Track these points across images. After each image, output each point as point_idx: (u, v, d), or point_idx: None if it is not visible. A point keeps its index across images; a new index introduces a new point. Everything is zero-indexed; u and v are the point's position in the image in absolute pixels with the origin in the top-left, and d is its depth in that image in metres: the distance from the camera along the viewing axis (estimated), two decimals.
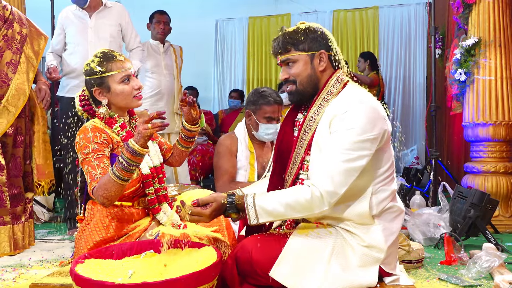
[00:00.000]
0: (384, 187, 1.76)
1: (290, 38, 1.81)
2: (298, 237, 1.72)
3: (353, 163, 1.64)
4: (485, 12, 3.70)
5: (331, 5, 7.34)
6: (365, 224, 1.74)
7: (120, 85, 2.08)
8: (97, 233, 2.02)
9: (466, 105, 3.82)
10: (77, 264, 1.66)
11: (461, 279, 2.29)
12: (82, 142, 1.99)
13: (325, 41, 1.81)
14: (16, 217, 2.93)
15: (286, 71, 1.84)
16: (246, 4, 7.45)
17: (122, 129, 2.10)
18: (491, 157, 3.72)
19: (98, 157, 1.97)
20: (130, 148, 1.79)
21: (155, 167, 2.15)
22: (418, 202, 3.81)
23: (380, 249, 1.71)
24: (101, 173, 1.93)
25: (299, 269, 1.65)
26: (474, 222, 2.95)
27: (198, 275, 1.54)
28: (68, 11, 3.69)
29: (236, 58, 7.84)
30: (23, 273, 2.46)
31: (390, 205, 1.77)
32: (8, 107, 2.87)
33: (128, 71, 2.10)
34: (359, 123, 1.65)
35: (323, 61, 1.80)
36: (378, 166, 1.74)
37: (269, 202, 1.66)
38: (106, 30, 3.65)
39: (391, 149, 1.81)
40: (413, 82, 7.12)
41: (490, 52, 3.67)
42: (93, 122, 2.08)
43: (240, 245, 1.77)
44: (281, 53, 1.84)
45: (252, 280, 1.71)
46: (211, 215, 1.70)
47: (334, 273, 1.66)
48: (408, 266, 2.47)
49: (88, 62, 2.10)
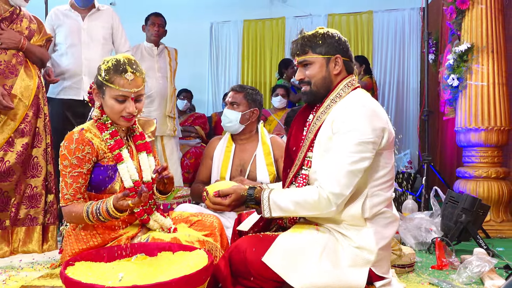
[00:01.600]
0: (380, 191, 1.78)
1: (309, 41, 1.89)
2: (292, 233, 1.80)
3: (357, 165, 1.70)
4: (478, 18, 3.73)
5: (326, 9, 7.35)
6: (357, 225, 1.77)
7: (112, 101, 1.98)
8: (83, 240, 2.00)
9: (459, 110, 3.84)
10: (67, 266, 1.66)
11: (452, 283, 2.30)
12: (64, 151, 1.96)
13: (342, 47, 1.89)
14: (31, 218, 2.92)
15: (302, 72, 1.92)
16: (241, 7, 7.45)
17: (111, 137, 2.01)
18: (483, 162, 3.75)
19: (73, 175, 1.94)
20: (106, 208, 1.83)
21: (145, 182, 2.08)
22: (410, 206, 3.82)
23: (371, 251, 1.73)
24: (72, 193, 1.93)
25: (290, 260, 1.69)
26: (465, 227, 2.96)
27: (189, 278, 1.54)
28: (58, 11, 3.64)
29: (231, 61, 7.83)
30: (13, 275, 2.44)
31: (384, 211, 1.79)
32: (22, 99, 2.90)
33: (127, 93, 1.96)
34: (360, 125, 1.71)
35: (338, 65, 1.88)
36: (375, 170, 1.78)
37: (282, 199, 1.76)
38: (99, 32, 3.65)
39: (392, 156, 1.84)
40: (407, 86, 7.14)
41: (483, 57, 3.70)
42: (83, 128, 2.02)
43: (234, 245, 1.79)
44: (299, 55, 1.92)
45: (245, 281, 1.73)
46: (231, 205, 1.83)
47: (324, 269, 1.69)
48: (399, 271, 2.47)
49: (105, 59, 2.01)
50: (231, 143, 3.00)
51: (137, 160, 2.09)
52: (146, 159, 2.11)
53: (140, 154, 2.10)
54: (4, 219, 2.84)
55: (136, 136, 2.14)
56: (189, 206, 2.88)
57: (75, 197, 1.94)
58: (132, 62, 1.98)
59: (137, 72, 1.98)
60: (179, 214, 2.31)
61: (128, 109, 1.97)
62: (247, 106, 2.93)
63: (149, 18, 4.44)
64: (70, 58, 3.55)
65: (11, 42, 2.88)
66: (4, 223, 2.84)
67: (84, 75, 3.57)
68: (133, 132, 2.15)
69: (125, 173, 2.00)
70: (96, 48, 3.64)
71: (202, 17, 7.56)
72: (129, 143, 2.12)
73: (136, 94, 1.98)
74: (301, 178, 1.87)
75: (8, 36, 2.87)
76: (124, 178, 2.00)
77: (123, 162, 2.00)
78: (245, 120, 2.93)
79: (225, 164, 2.94)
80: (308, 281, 1.66)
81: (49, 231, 2.99)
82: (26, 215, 2.92)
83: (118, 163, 2.00)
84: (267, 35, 7.60)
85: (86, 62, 3.58)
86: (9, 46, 2.88)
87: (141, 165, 2.09)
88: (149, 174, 2.09)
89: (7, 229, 2.85)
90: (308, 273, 1.67)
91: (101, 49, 3.67)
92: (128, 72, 1.94)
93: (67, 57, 3.56)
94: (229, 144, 2.99)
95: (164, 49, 4.48)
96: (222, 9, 7.50)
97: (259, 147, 2.95)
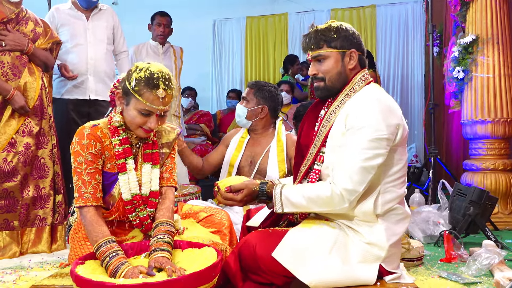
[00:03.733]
0: (392, 188, 1.77)
1: (323, 35, 1.83)
2: (302, 228, 1.78)
3: (370, 161, 1.67)
4: (482, 10, 3.71)
5: (328, 4, 7.33)
6: (368, 221, 1.75)
7: (135, 113, 1.83)
8: (86, 245, 1.97)
9: (465, 102, 3.83)
10: (77, 265, 1.66)
11: (461, 276, 2.29)
12: (77, 147, 1.85)
13: (356, 40, 1.86)
14: (40, 219, 2.94)
15: (316, 67, 1.86)
16: (244, 4, 7.44)
17: (120, 144, 1.91)
18: (490, 154, 3.73)
19: (90, 172, 1.84)
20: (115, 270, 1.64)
21: (142, 195, 1.95)
22: (417, 200, 3.81)
23: (381, 247, 1.72)
24: (91, 192, 1.83)
25: (300, 255, 1.68)
26: (473, 220, 2.95)
27: (198, 275, 1.54)
28: (59, 10, 3.62)
29: (234, 58, 7.82)
30: (23, 275, 2.45)
31: (396, 207, 1.78)
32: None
33: (154, 109, 1.81)
34: (374, 121, 1.68)
35: (353, 60, 1.84)
36: (389, 166, 1.76)
37: (294, 194, 1.75)
38: (103, 32, 3.66)
39: (405, 152, 1.82)
40: (411, 80, 7.11)
41: (488, 49, 3.68)
42: (95, 125, 1.92)
43: (243, 240, 1.78)
44: (313, 49, 1.85)
45: (255, 276, 1.72)
46: (243, 200, 1.84)
47: (333, 265, 1.68)
48: (408, 264, 2.47)
49: (137, 65, 1.85)
50: (246, 134, 3.06)
51: (140, 171, 1.98)
52: (149, 170, 1.97)
53: (144, 165, 1.97)
54: (12, 220, 2.85)
55: (147, 144, 2.00)
56: (198, 202, 2.89)
57: (94, 195, 1.84)
58: (166, 77, 1.81)
59: (168, 89, 1.81)
60: (189, 208, 2.28)
61: (150, 124, 1.85)
62: (256, 103, 2.93)
63: (155, 17, 4.42)
64: (75, 58, 3.54)
65: (16, 44, 2.87)
66: (12, 223, 2.85)
67: (90, 74, 3.58)
68: (146, 139, 2.00)
69: (125, 184, 1.91)
70: (100, 48, 3.64)
71: (205, 15, 7.55)
72: (138, 150, 2.00)
73: (162, 111, 1.85)
74: (314, 173, 1.84)
75: (13, 39, 2.87)
76: (123, 190, 1.91)
77: (125, 173, 1.91)
78: (252, 116, 2.93)
79: (236, 153, 2.98)
80: (318, 276, 1.65)
81: (58, 231, 3.01)
82: (35, 215, 2.93)
83: (120, 173, 1.91)
84: (270, 31, 7.59)
85: (91, 62, 3.58)
86: (14, 48, 2.87)
87: (142, 177, 1.96)
88: (149, 188, 1.97)
89: (16, 229, 2.86)
90: (318, 268, 1.66)
91: (105, 49, 3.68)
92: (160, 88, 1.78)
93: (72, 57, 3.55)
94: (244, 135, 3.05)
95: (170, 48, 4.48)
96: (225, 6, 7.50)
97: (273, 143, 2.95)
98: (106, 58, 3.68)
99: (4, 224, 2.83)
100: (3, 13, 2.87)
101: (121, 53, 3.87)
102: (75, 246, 2.01)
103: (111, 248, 1.71)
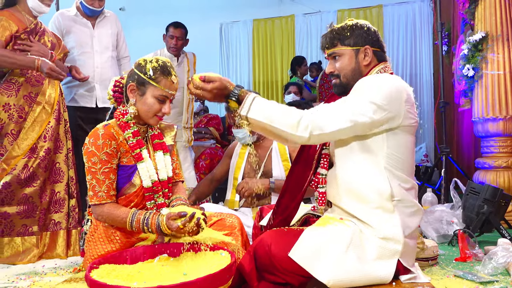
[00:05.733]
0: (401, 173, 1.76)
1: (337, 34, 1.89)
2: (317, 227, 1.78)
3: (354, 115, 1.68)
4: (491, 6, 3.68)
5: (335, 5, 7.33)
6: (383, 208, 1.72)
7: (153, 100, 1.99)
8: (101, 246, 2.00)
9: (475, 100, 3.80)
10: (92, 269, 1.67)
11: (477, 275, 2.27)
12: (91, 147, 1.94)
13: (371, 37, 1.88)
14: (55, 223, 2.95)
15: (332, 64, 1.92)
16: (250, 6, 7.46)
17: (133, 136, 2.03)
18: (502, 152, 3.70)
19: (104, 171, 1.94)
20: (158, 225, 1.85)
21: (161, 181, 2.09)
22: (430, 199, 3.78)
23: (398, 240, 1.70)
24: (105, 190, 1.94)
25: (316, 254, 1.67)
26: (487, 218, 2.92)
27: (213, 277, 1.53)
28: (64, 16, 3.56)
29: (241, 61, 7.84)
30: (37, 280, 2.46)
31: (410, 198, 1.77)
32: (46, 107, 2.94)
33: (169, 94, 2.01)
34: (375, 89, 1.71)
35: (368, 56, 1.87)
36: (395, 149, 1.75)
37: (267, 102, 1.74)
38: (108, 40, 3.64)
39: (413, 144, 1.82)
40: (420, 79, 7.09)
41: (498, 46, 3.65)
42: (107, 124, 2.02)
43: (258, 239, 1.77)
44: (328, 48, 1.91)
45: (270, 276, 1.71)
46: (212, 92, 1.77)
47: (349, 263, 1.67)
48: (422, 264, 2.45)
49: (145, 58, 2.04)
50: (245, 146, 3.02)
51: (153, 160, 2.10)
52: (162, 157, 2.11)
53: (156, 153, 2.11)
54: (31, 225, 2.87)
55: (154, 135, 2.15)
56: (210, 205, 2.90)
57: (108, 194, 1.95)
58: (173, 66, 2.07)
59: (176, 76, 2.06)
60: None
61: (165, 109, 2.02)
62: None
63: (169, 29, 4.30)
64: (81, 66, 3.47)
65: (41, 55, 2.90)
66: (31, 228, 2.86)
67: (96, 82, 3.55)
68: (152, 131, 2.16)
69: (144, 172, 2.02)
70: (106, 55, 3.62)
71: (212, 18, 7.58)
72: (147, 144, 2.13)
73: (174, 96, 2.05)
74: (323, 158, 1.90)
75: (38, 49, 2.91)
76: (144, 178, 2.01)
77: (143, 162, 2.02)
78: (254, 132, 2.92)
79: (238, 166, 2.99)
80: (335, 274, 1.64)
81: (72, 235, 3.02)
82: (50, 220, 2.95)
83: (138, 162, 2.01)
84: (277, 33, 7.60)
85: (97, 70, 3.56)
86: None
87: (157, 164, 2.10)
88: (165, 173, 2.11)
89: (35, 234, 2.87)
90: (335, 267, 1.65)
91: (110, 56, 3.66)
92: (172, 75, 2.02)
93: (79, 65, 3.47)
94: (244, 147, 3.02)
95: (184, 58, 4.37)
96: (231, 9, 7.52)
97: (275, 143, 2.95)
98: (112, 65, 3.66)
99: (23, 230, 2.85)
100: (24, 24, 2.92)
101: (123, 58, 3.85)
102: (90, 249, 2.02)
103: (140, 215, 1.89)
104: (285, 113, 1.71)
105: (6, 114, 2.86)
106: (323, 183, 1.91)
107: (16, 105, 2.88)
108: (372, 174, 1.74)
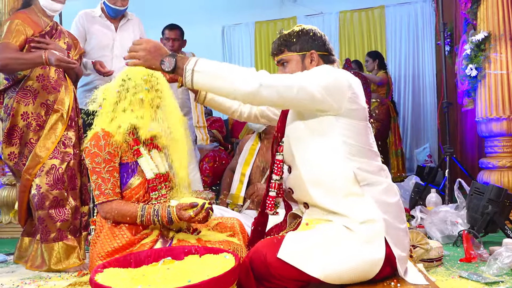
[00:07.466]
0: (363, 159, 1.76)
1: (284, 40, 1.94)
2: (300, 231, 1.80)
3: (302, 80, 1.70)
4: (493, 6, 3.68)
5: (337, 6, 7.33)
6: (354, 195, 1.72)
7: None
8: (108, 243, 2.01)
9: (479, 100, 3.79)
10: (96, 273, 1.66)
11: (482, 276, 2.26)
12: (93, 149, 2.00)
13: (317, 42, 1.93)
14: (75, 230, 2.88)
15: (282, 71, 1.96)
16: (252, 9, 7.47)
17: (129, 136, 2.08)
18: (506, 152, 3.69)
19: (109, 170, 2.01)
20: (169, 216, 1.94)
21: (161, 174, 2.13)
22: (434, 200, 3.77)
23: (375, 220, 1.69)
24: (111, 188, 2.00)
25: (304, 251, 1.68)
26: (492, 218, 2.91)
27: (217, 280, 1.53)
28: (89, 16, 3.49)
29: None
30: (42, 284, 2.46)
31: (377, 179, 1.76)
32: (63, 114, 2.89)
33: None
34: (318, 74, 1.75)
35: (314, 60, 1.92)
36: (348, 135, 1.75)
37: (212, 62, 1.73)
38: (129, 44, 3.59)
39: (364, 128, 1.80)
40: (423, 80, 7.08)
41: (501, 46, 3.64)
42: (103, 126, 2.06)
43: (254, 248, 1.78)
44: (277, 54, 1.98)
45: (268, 283, 1.71)
46: (145, 49, 1.83)
47: (339, 255, 1.66)
48: (427, 265, 2.44)
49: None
50: (257, 142, 3.07)
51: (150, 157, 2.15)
52: (157, 154, 2.17)
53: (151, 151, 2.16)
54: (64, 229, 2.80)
55: None
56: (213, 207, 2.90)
57: (114, 191, 2.01)
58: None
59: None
60: None
61: None
62: None
63: (164, 31, 4.26)
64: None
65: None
66: (65, 233, 2.81)
67: None
68: None
69: (146, 165, 2.08)
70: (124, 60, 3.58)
71: (214, 21, 7.59)
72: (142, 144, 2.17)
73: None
74: (276, 164, 1.99)
75: (54, 48, 2.81)
76: (146, 170, 2.07)
77: (142, 156, 2.08)
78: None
79: (248, 162, 3.03)
80: (326, 267, 1.63)
81: (81, 241, 2.99)
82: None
83: (138, 157, 2.07)
84: None
85: (115, 75, 3.52)
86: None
87: (154, 159, 2.14)
88: (163, 167, 2.16)
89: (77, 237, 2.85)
90: (324, 260, 1.65)
91: None
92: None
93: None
94: (255, 143, 3.05)
95: None
96: (233, 11, 7.52)
97: None
98: None
99: (59, 235, 2.78)
100: (40, 26, 2.86)
101: None
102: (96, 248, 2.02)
103: (150, 208, 1.96)
104: (236, 66, 1.75)
105: (25, 123, 2.80)
106: (274, 187, 1.99)
107: (34, 113, 2.81)
108: (333, 161, 1.74)
